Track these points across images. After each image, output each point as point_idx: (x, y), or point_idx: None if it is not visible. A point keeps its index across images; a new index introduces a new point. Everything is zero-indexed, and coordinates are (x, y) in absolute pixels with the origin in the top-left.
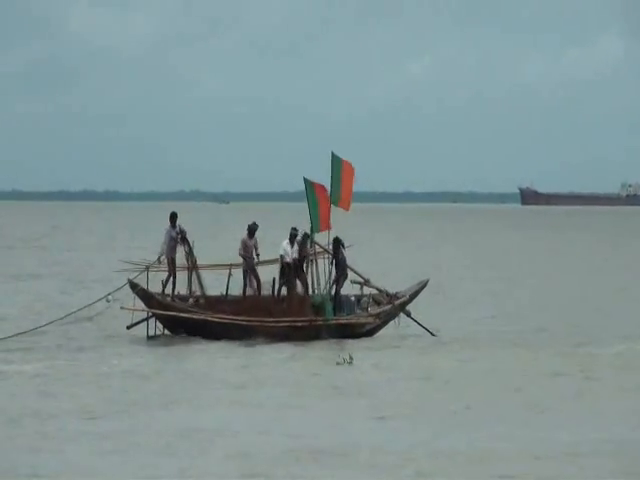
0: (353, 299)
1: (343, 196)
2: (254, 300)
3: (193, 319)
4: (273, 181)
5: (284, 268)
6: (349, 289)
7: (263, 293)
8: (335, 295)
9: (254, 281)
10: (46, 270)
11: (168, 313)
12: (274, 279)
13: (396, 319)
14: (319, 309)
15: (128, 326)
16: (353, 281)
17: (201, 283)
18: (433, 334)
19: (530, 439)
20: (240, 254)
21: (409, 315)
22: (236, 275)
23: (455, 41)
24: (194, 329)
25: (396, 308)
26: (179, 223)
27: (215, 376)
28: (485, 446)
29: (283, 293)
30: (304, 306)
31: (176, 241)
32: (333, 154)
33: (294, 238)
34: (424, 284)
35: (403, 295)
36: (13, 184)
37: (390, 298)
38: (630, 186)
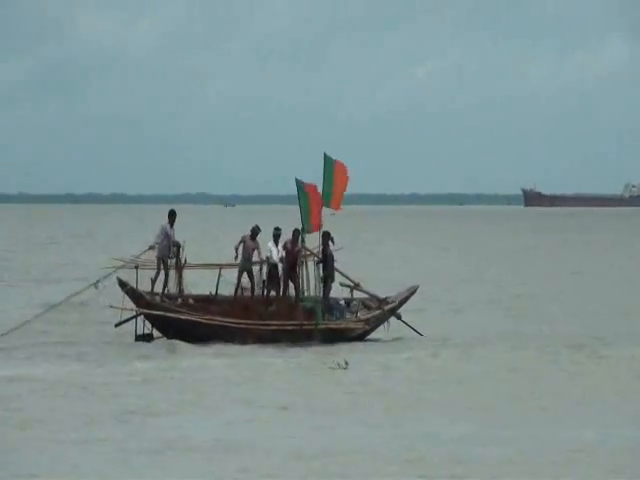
0: (343, 303)
1: (335, 196)
2: (244, 302)
3: (181, 320)
4: (280, 184)
5: (271, 270)
6: (339, 293)
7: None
8: (324, 298)
9: (250, 283)
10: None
11: (155, 312)
12: (264, 281)
13: (385, 323)
14: (310, 313)
15: (116, 324)
16: (343, 284)
17: (180, 285)
18: (420, 334)
19: (527, 441)
20: (235, 247)
21: (399, 318)
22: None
23: (459, 46)
24: (182, 329)
25: (385, 313)
26: (176, 238)
27: (209, 382)
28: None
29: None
30: (294, 310)
31: (170, 243)
32: (325, 155)
33: (278, 238)
34: (414, 290)
35: (393, 300)
36: (20, 187)
37: (380, 303)
38: (634, 187)
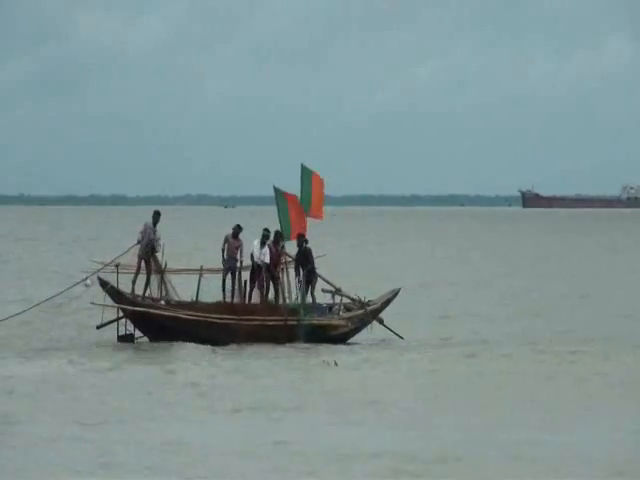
0: (325, 306)
1: (314, 206)
2: (225, 306)
3: (163, 316)
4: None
5: (254, 270)
6: (321, 298)
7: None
8: (309, 294)
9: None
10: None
11: (138, 309)
12: (245, 282)
13: (369, 326)
14: (293, 312)
15: (98, 326)
16: (325, 290)
17: (167, 288)
18: (401, 337)
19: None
20: (222, 248)
21: (382, 322)
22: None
23: (460, 46)
24: (164, 329)
25: (368, 314)
26: (158, 239)
27: (196, 383)
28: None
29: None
30: (277, 310)
31: (152, 244)
32: (303, 166)
33: (266, 239)
34: (396, 292)
35: (375, 303)
36: (21, 188)
37: (362, 305)
38: (632, 189)
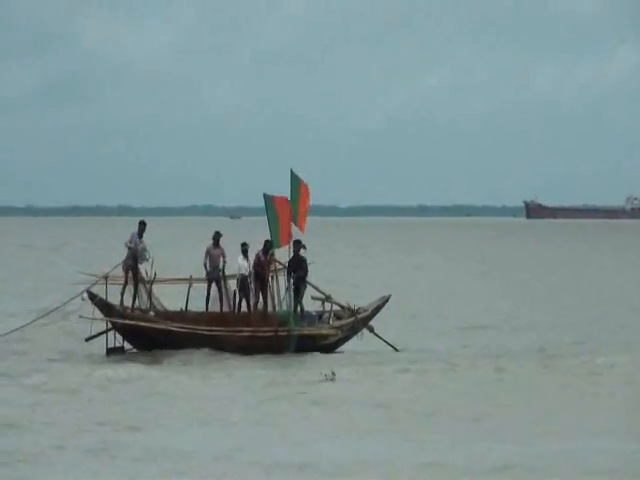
0: (314, 314)
1: (299, 216)
2: (214, 316)
3: (153, 328)
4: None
5: (243, 283)
6: (310, 306)
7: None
8: (297, 303)
9: (217, 298)
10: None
11: (128, 322)
12: (235, 292)
13: (359, 334)
14: (283, 323)
15: (87, 338)
16: (314, 297)
17: (150, 298)
18: (396, 349)
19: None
20: (204, 263)
21: (372, 331)
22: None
23: (468, 54)
24: (154, 340)
25: (358, 322)
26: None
27: (186, 394)
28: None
29: (243, 308)
30: (267, 319)
31: (135, 254)
32: (292, 172)
33: (246, 253)
34: (386, 299)
35: (365, 310)
36: (27, 200)
37: (352, 313)
38: (635, 199)
